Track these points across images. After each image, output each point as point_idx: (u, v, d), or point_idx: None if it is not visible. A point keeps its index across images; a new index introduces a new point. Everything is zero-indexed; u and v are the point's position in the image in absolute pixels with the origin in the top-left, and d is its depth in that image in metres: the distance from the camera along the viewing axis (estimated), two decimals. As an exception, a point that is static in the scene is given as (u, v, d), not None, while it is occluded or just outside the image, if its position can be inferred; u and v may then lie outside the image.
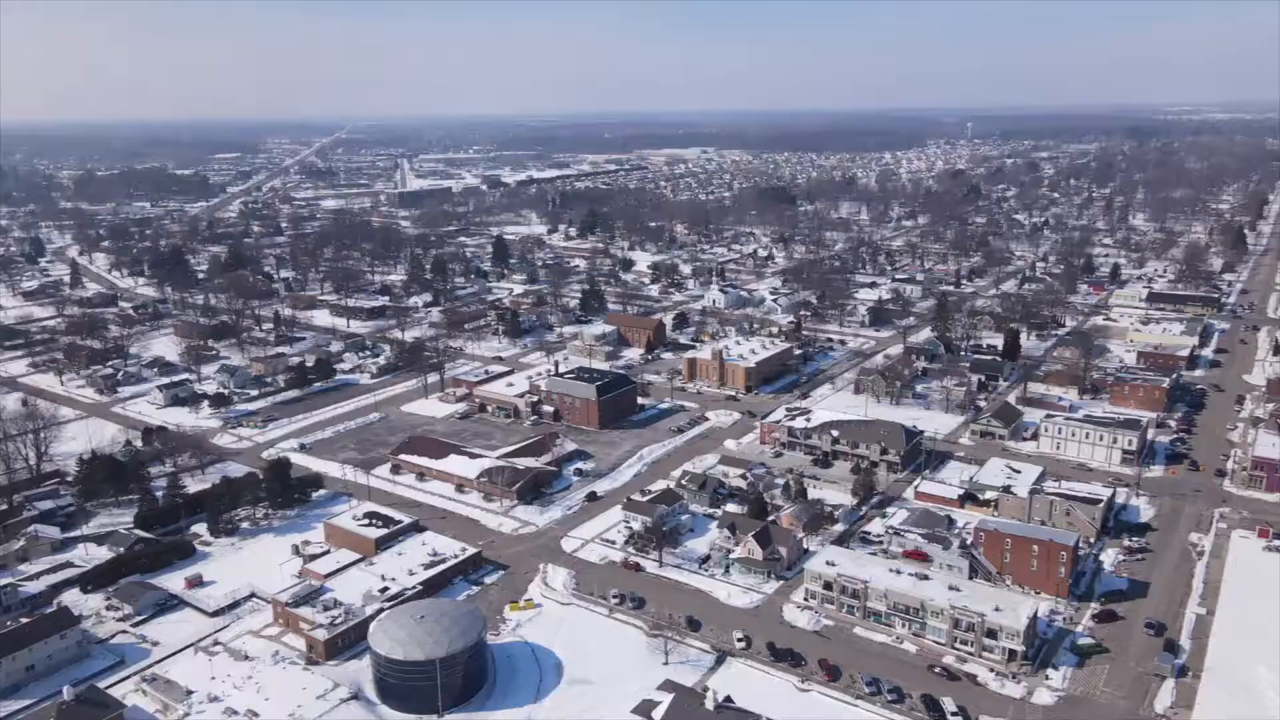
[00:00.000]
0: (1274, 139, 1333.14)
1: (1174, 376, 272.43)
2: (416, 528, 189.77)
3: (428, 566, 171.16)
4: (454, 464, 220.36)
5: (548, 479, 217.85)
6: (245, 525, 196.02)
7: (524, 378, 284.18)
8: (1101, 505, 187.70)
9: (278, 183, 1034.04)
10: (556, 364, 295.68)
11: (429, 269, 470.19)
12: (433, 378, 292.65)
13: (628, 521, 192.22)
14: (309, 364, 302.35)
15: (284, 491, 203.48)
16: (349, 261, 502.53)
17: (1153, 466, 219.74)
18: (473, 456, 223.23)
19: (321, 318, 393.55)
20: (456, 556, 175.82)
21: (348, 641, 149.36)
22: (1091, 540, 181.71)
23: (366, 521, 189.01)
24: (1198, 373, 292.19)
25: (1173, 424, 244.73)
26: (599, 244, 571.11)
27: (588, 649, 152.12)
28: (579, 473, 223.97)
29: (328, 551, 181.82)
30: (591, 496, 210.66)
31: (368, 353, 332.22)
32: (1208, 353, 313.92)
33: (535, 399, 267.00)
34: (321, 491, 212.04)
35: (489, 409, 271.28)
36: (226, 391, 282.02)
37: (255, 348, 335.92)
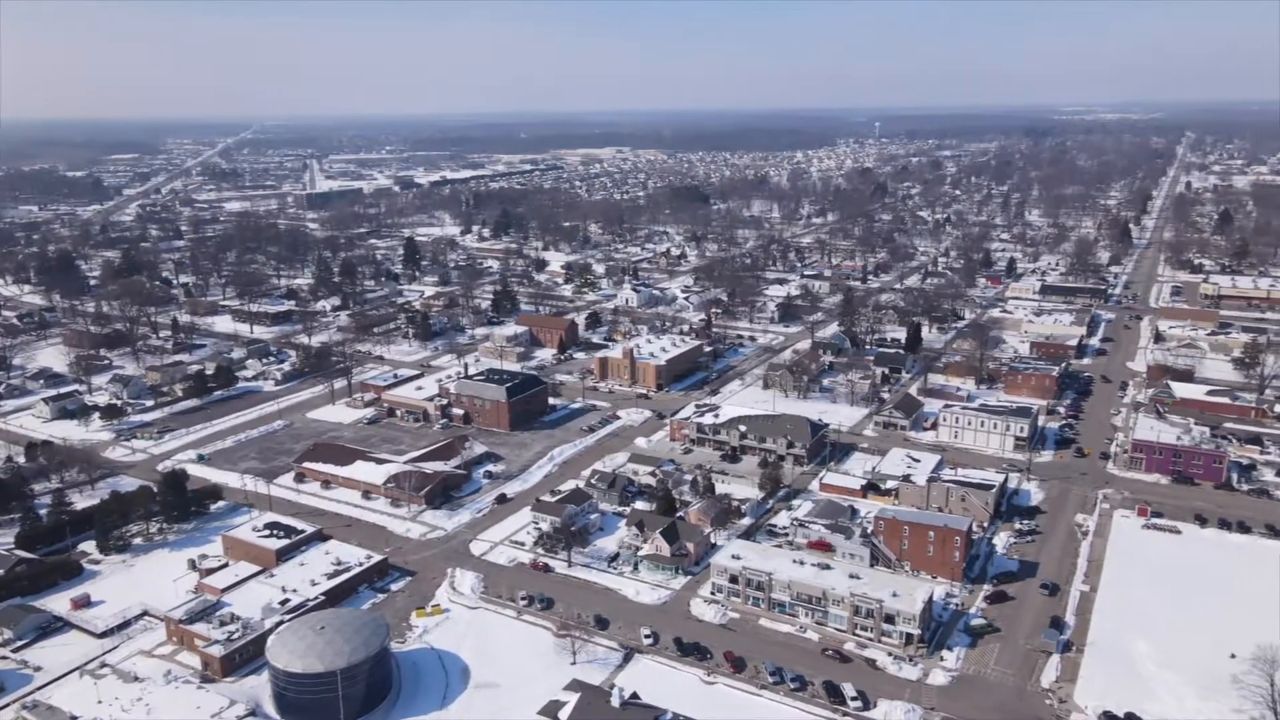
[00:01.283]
0: (1158, 138, 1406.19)
1: (1063, 365, 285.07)
2: (320, 537, 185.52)
3: (331, 576, 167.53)
4: (360, 470, 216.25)
5: (457, 482, 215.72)
6: (138, 541, 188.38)
7: (434, 381, 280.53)
8: (994, 490, 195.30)
9: (178, 184, 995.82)
10: (466, 366, 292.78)
11: (337, 272, 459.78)
12: (340, 383, 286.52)
13: (537, 522, 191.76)
14: (209, 372, 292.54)
15: (180, 505, 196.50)
16: (253, 265, 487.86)
17: (1043, 452, 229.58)
18: (380, 462, 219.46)
19: (223, 324, 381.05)
20: (361, 564, 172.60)
21: (246, 657, 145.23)
22: (985, 525, 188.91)
23: (267, 532, 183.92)
24: (1086, 361, 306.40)
25: (1062, 410, 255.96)
26: (513, 244, 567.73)
27: (495, 652, 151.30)
28: (489, 475, 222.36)
29: (226, 565, 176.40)
30: (501, 499, 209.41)
31: (272, 359, 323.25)
32: (1095, 342, 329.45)
33: (445, 402, 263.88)
34: (221, 503, 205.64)
35: (398, 413, 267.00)
36: (119, 403, 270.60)
37: (151, 356, 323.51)
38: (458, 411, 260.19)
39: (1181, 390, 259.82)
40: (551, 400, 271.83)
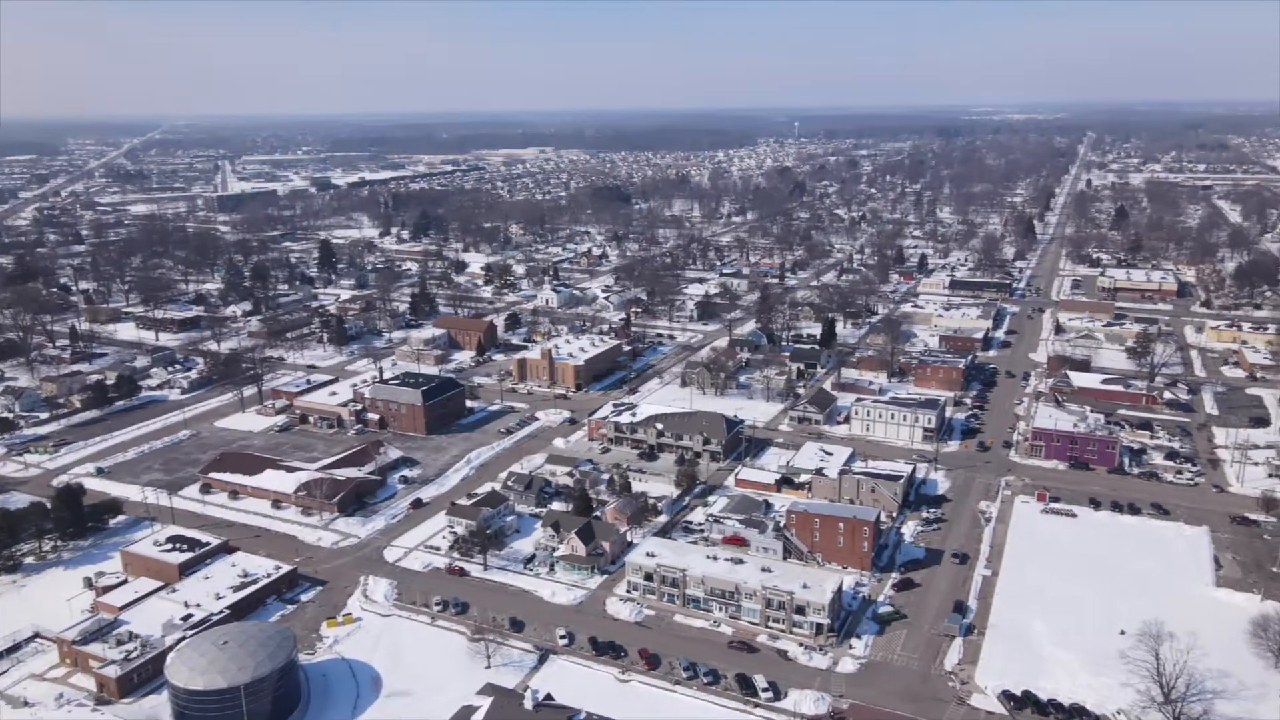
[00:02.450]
0: (1061, 138, 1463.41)
1: (970, 358, 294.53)
2: (226, 549, 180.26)
3: (237, 589, 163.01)
4: (270, 479, 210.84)
5: (371, 488, 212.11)
6: (29, 560, 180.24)
7: (349, 386, 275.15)
8: (902, 481, 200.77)
9: (79, 187, 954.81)
10: (381, 370, 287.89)
11: (249, 276, 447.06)
12: (250, 390, 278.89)
13: (452, 526, 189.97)
14: (109, 382, 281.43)
15: (76, 520, 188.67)
16: (160, 271, 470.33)
17: (950, 442, 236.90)
18: (290, 470, 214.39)
19: (126, 331, 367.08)
20: (270, 575, 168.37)
21: (144, 676, 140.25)
22: (894, 514, 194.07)
23: (170, 546, 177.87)
24: (991, 353, 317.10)
25: (968, 401, 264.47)
26: (432, 246, 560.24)
27: (408, 660, 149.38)
28: (404, 480, 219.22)
29: (125, 581, 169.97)
30: (417, 503, 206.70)
31: (178, 367, 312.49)
32: (1000, 335, 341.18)
33: (360, 407, 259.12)
34: (121, 518, 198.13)
35: (311, 420, 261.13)
36: (11, 415, 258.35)
37: (47, 366, 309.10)
38: (373, 416, 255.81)
39: (1079, 379, 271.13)
40: (469, 403, 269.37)
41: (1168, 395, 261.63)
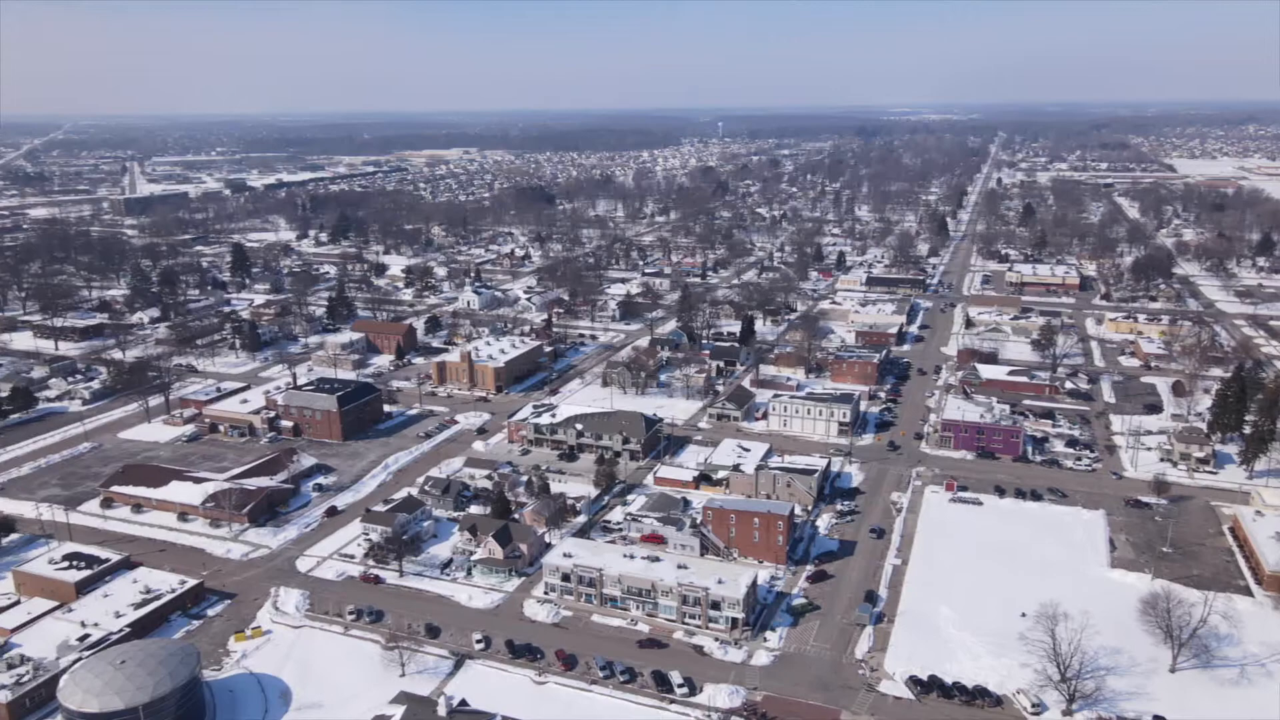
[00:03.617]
0: (975, 137, 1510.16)
1: (884, 353, 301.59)
2: (127, 565, 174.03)
3: (139, 606, 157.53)
4: (176, 491, 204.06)
5: (284, 497, 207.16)
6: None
7: (261, 393, 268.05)
8: (817, 475, 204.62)
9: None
10: (295, 376, 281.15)
11: (157, 281, 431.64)
12: (157, 400, 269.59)
13: (367, 534, 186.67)
14: (3, 394, 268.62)
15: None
16: (60, 277, 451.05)
17: (864, 435, 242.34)
18: (198, 481, 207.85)
19: (23, 340, 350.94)
20: (174, 591, 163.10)
21: (37, 701, 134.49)
22: (809, 508, 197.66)
23: (66, 564, 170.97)
24: (905, 348, 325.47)
25: (882, 395, 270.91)
26: (352, 249, 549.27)
27: (320, 671, 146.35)
28: (319, 488, 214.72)
29: (18, 602, 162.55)
30: (332, 511, 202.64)
31: (79, 377, 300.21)
32: (914, 329, 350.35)
33: (272, 414, 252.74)
34: (14, 536, 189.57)
35: (222, 429, 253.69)
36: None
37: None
38: (287, 424, 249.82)
39: (987, 371, 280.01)
40: (387, 407, 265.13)
41: (1069, 385, 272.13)
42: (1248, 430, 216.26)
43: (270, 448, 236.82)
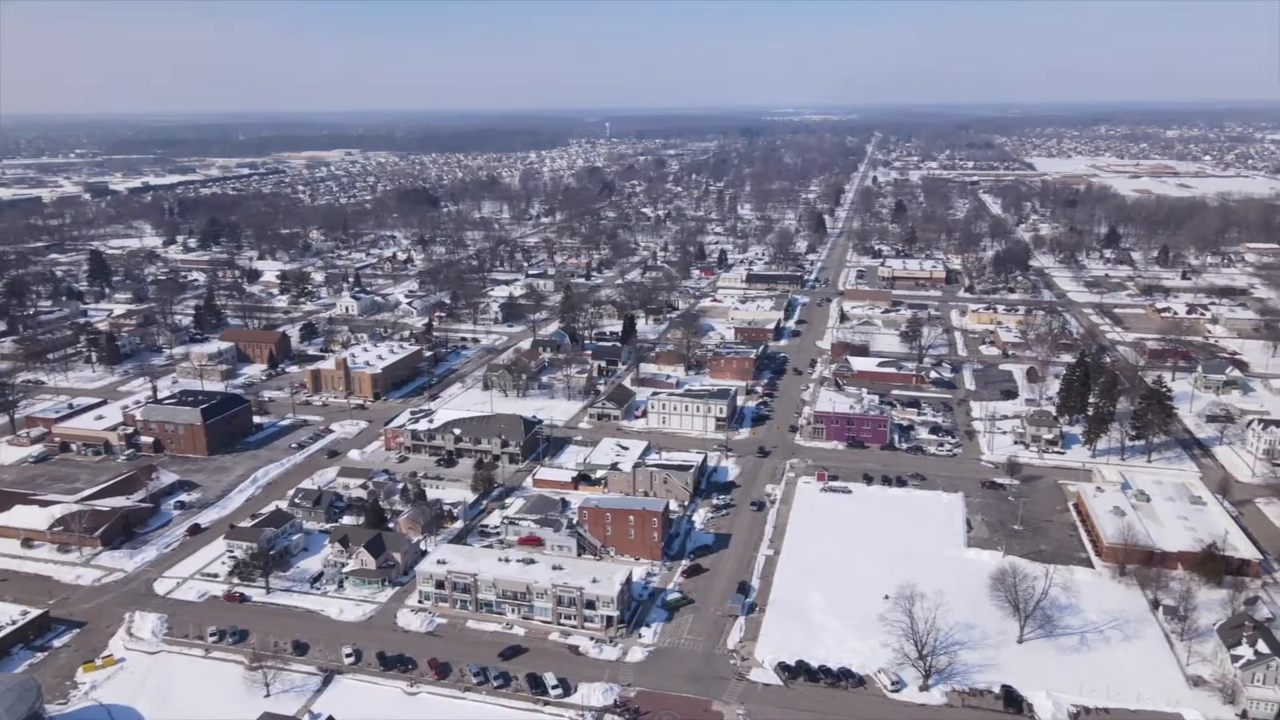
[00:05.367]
0: (852, 137, 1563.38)
1: (762, 348, 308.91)
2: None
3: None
4: (19, 515, 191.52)
5: (141, 517, 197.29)
6: None
7: (118, 408, 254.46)
8: (693, 471, 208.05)
9: None
10: (155, 389, 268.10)
11: (3, 292, 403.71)
12: (1, 419, 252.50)
13: (232, 551, 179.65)
14: None
15: None
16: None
17: (741, 430, 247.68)
18: (44, 504, 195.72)
19: None
20: (15, 623, 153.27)
21: None
22: (686, 503, 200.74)
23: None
24: (783, 343, 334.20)
25: (759, 390, 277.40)
26: (223, 255, 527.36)
27: (178, 698, 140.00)
28: (181, 505, 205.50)
29: None
30: (194, 530, 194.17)
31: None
32: (792, 324, 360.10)
33: (130, 430, 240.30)
34: None
35: (74, 447, 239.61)
36: None
37: None
38: (147, 439, 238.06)
39: (859, 364, 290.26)
40: (258, 419, 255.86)
41: (934, 374, 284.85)
42: (1090, 412, 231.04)
43: (128, 465, 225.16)
